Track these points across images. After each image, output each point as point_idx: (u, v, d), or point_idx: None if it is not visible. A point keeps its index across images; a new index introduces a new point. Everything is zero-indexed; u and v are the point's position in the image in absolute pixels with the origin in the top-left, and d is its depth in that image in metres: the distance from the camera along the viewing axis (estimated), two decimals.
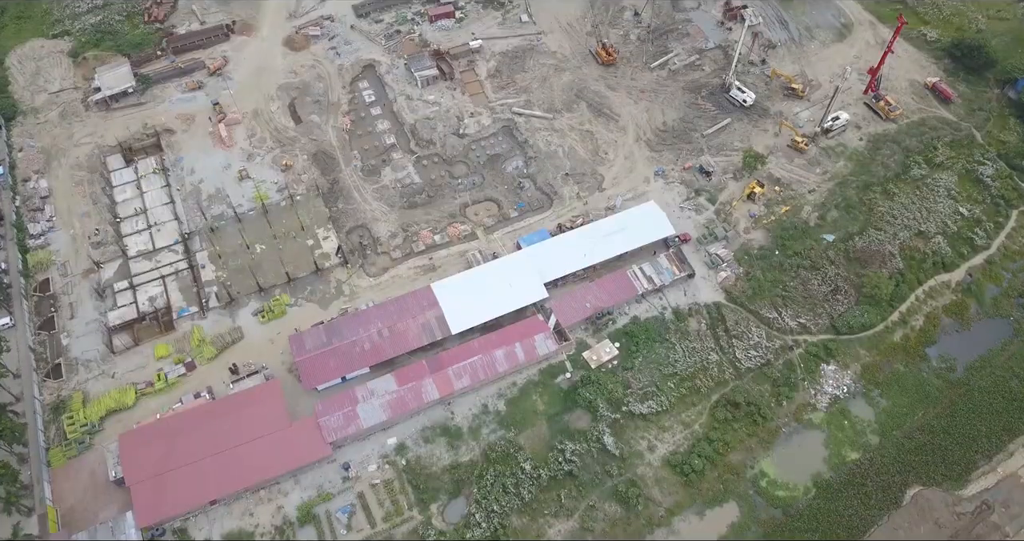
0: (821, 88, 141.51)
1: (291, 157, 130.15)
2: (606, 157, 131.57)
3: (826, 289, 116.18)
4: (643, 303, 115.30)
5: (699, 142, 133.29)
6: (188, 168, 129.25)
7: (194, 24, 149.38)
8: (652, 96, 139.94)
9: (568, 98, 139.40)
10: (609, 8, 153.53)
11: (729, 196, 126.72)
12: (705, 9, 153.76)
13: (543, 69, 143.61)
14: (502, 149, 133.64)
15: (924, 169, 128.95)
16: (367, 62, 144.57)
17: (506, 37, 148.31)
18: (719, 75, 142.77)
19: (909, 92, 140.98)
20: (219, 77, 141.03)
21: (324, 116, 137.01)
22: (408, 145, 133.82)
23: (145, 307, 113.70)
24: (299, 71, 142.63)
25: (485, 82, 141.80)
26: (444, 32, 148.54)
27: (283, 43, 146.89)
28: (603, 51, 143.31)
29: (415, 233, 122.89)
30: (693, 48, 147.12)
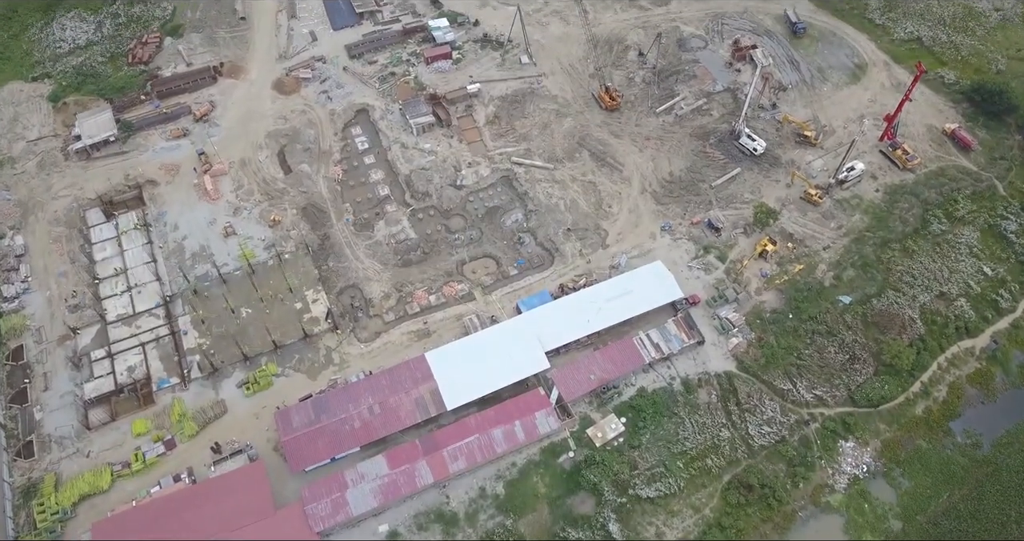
0: (835, 134, 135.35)
1: (279, 211, 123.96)
2: (610, 211, 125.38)
3: (843, 357, 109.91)
4: (650, 372, 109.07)
5: (707, 194, 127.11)
6: (171, 223, 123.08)
7: (180, 66, 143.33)
8: (658, 144, 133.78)
9: (570, 146, 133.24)
10: (613, 48, 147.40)
11: (740, 254, 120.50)
12: (713, 49, 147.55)
13: (544, 114, 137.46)
14: (501, 201, 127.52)
15: (944, 224, 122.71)
16: (360, 107, 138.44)
17: (505, 80, 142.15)
18: (728, 120, 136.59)
19: (927, 139, 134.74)
20: (205, 123, 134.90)
21: (315, 165, 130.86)
22: (403, 197, 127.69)
23: (123, 378, 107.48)
24: (289, 117, 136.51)
25: (483, 129, 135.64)
26: (440, 74, 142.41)
27: (273, 86, 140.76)
28: (606, 95, 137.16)
29: (409, 294, 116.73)
30: (700, 91, 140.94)
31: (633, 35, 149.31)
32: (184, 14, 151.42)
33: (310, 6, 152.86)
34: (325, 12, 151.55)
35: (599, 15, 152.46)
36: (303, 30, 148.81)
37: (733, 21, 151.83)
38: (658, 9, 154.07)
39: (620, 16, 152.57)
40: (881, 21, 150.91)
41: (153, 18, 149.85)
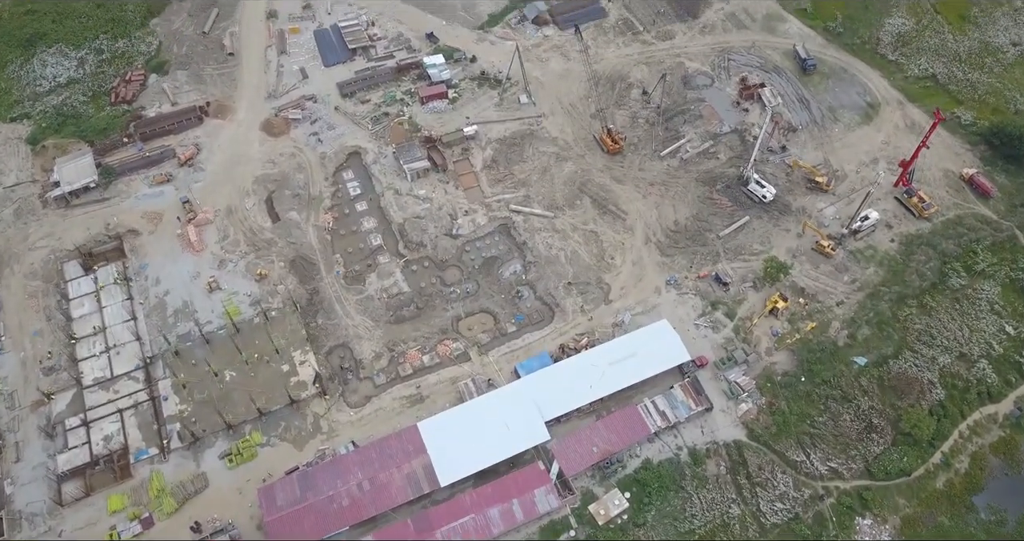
0: (847, 179, 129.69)
1: (267, 265, 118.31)
2: (612, 263, 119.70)
3: (859, 426, 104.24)
4: (656, 442, 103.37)
5: (715, 244, 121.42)
6: (153, 277, 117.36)
7: (165, 105, 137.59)
8: (662, 190, 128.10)
9: (570, 193, 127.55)
10: (615, 86, 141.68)
11: (749, 310, 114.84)
12: (719, 86, 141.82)
13: (543, 158, 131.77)
14: (499, 251, 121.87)
15: (963, 278, 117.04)
16: (352, 149, 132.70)
17: (503, 121, 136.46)
18: (736, 164, 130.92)
19: (943, 184, 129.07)
20: (190, 168, 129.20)
21: (304, 213, 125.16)
22: (396, 247, 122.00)
23: (99, 448, 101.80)
24: (278, 160, 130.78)
25: (481, 174, 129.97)
26: (436, 115, 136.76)
27: (261, 128, 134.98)
28: (608, 138, 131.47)
29: (402, 353, 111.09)
30: (707, 133, 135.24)
31: (636, 72, 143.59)
32: (170, 49, 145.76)
33: (301, 41, 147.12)
34: (316, 47, 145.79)
35: (601, 50, 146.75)
36: (293, 67, 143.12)
37: (740, 56, 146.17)
38: (662, 44, 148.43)
39: (623, 51, 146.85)
40: (894, 57, 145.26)
41: (138, 53, 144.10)
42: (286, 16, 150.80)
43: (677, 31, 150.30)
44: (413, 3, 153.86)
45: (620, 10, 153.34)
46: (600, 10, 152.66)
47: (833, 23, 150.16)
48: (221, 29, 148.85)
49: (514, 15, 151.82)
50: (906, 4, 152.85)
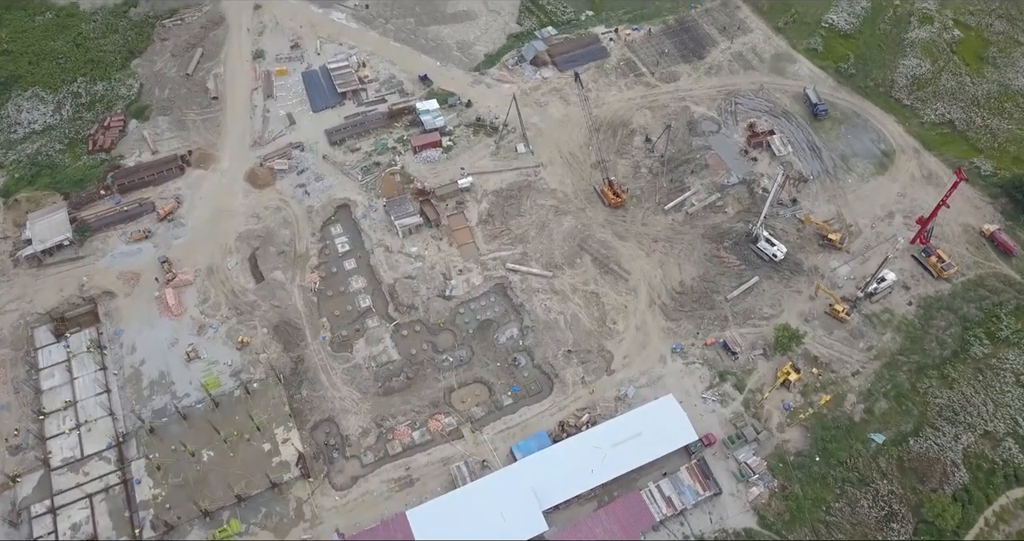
0: (861, 235, 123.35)
1: (249, 331, 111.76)
2: (615, 328, 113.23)
3: (878, 513, 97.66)
4: (661, 530, 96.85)
5: (722, 308, 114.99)
6: (128, 345, 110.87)
7: (145, 153, 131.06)
8: (667, 247, 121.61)
9: (570, 250, 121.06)
10: (617, 132, 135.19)
11: (759, 381, 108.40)
12: (726, 133, 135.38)
13: (541, 212, 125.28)
14: (495, 313, 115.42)
15: (986, 346, 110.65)
16: (341, 202, 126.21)
17: (500, 171, 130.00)
18: (744, 218, 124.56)
19: (963, 240, 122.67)
20: (170, 223, 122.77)
21: (290, 272, 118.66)
22: (386, 309, 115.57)
23: (67, 537, 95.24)
24: (262, 215, 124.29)
25: (476, 229, 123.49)
26: (429, 165, 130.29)
27: (245, 178, 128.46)
28: (610, 191, 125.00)
29: (391, 429, 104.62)
30: (713, 184, 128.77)
31: (639, 117, 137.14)
32: (152, 92, 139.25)
33: (288, 84, 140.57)
34: (305, 91, 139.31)
35: (602, 94, 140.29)
36: (280, 112, 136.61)
37: (748, 100, 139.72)
38: (666, 86, 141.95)
39: (625, 95, 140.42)
40: (909, 101, 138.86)
41: (118, 97, 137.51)
42: (273, 56, 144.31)
43: (682, 72, 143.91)
44: (406, 43, 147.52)
45: (622, 50, 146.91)
46: (602, 50, 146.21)
47: (845, 64, 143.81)
48: (205, 70, 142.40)
49: (511, 56, 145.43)
50: (921, 44, 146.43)
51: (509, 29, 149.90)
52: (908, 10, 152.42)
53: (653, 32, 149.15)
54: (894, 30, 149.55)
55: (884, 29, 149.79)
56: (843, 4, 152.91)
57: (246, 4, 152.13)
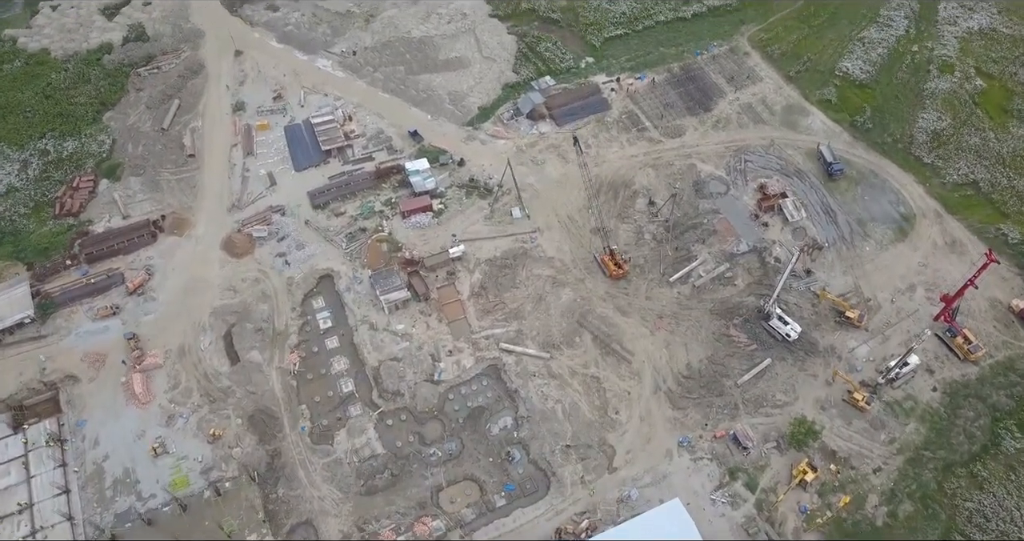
0: (880, 310, 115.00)
1: (221, 421, 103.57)
2: (617, 418, 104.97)
3: None
4: None
5: (732, 394, 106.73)
6: (91, 437, 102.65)
7: (116, 218, 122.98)
8: (673, 324, 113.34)
9: (569, 327, 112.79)
10: (618, 194, 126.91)
11: (773, 479, 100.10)
12: (735, 194, 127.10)
13: (538, 283, 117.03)
14: (487, 400, 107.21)
15: (1019, 440, 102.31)
16: (324, 273, 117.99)
17: (494, 238, 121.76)
18: (755, 291, 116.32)
19: (990, 317, 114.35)
20: (140, 297, 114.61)
21: (267, 352, 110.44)
22: (370, 395, 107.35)
23: None
24: (239, 287, 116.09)
25: (467, 303, 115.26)
26: (419, 231, 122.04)
27: (222, 246, 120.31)
28: (611, 262, 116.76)
29: (374, 534, 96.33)
30: (722, 253, 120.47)
31: (642, 176, 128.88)
32: (124, 149, 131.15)
33: (270, 139, 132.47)
34: (287, 148, 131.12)
35: (602, 150, 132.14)
36: (260, 171, 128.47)
37: (758, 157, 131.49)
38: (671, 142, 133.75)
39: (627, 151, 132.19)
40: (930, 159, 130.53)
41: (88, 155, 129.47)
42: (255, 109, 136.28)
43: (688, 126, 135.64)
44: (395, 93, 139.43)
45: (624, 101, 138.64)
46: (602, 102, 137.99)
47: (861, 117, 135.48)
48: (182, 124, 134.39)
49: (507, 108, 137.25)
50: (941, 95, 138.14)
51: (504, 78, 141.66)
52: (927, 57, 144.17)
53: (657, 81, 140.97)
54: (912, 79, 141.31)
55: (902, 78, 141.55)
56: (858, 51, 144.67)
57: (227, 50, 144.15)
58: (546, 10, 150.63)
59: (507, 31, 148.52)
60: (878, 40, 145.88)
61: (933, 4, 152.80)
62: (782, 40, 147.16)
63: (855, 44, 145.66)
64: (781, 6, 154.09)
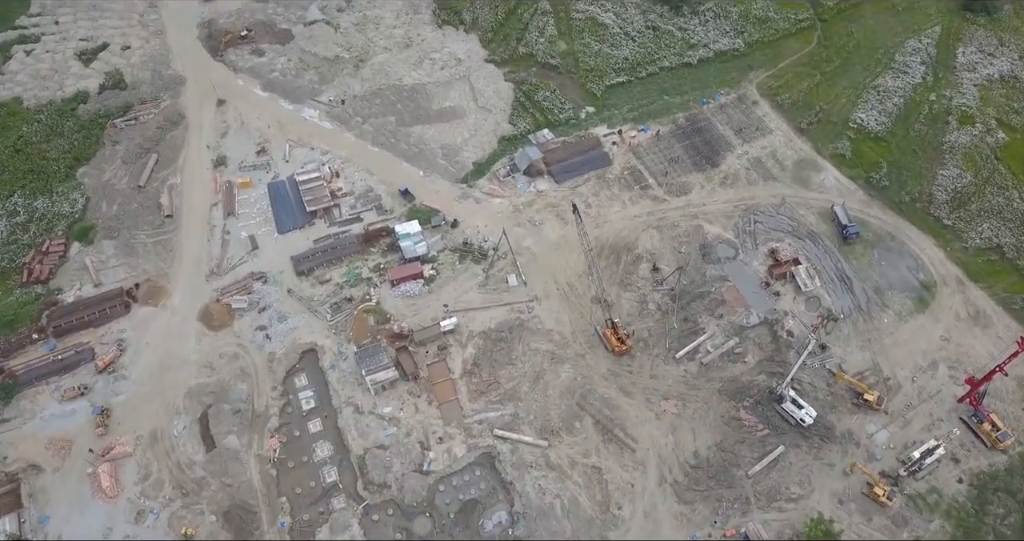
0: (901, 391, 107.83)
1: (195, 518, 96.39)
2: (620, 514, 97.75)
3: None
4: None
5: (743, 485, 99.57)
6: (55, 534, 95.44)
7: (87, 286, 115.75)
8: (680, 406, 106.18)
9: (568, 410, 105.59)
10: (620, 258, 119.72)
11: None
12: (745, 260, 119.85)
13: (536, 359, 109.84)
14: (479, 492, 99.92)
15: None
16: (307, 347, 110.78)
17: (488, 308, 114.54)
18: (766, 369, 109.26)
19: (1019, 399, 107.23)
20: (110, 375, 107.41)
21: (246, 436, 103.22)
22: (355, 485, 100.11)
23: None
24: (217, 364, 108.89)
25: (459, 382, 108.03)
26: (408, 300, 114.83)
27: (199, 318, 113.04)
28: (613, 337, 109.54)
29: None
30: (731, 325, 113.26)
31: (646, 239, 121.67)
32: (98, 208, 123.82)
33: (252, 198, 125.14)
34: (270, 207, 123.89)
35: (603, 210, 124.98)
36: (241, 233, 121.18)
37: (768, 217, 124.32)
38: (675, 200, 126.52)
39: (629, 211, 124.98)
40: (950, 220, 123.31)
41: (59, 216, 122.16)
42: (237, 164, 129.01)
43: (694, 183, 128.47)
44: (385, 147, 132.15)
45: (626, 156, 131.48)
46: (603, 157, 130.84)
47: (876, 174, 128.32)
48: (160, 181, 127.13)
49: (503, 164, 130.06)
50: (961, 150, 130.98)
51: (501, 130, 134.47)
52: (945, 107, 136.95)
53: (661, 134, 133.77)
54: (930, 132, 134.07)
55: (919, 130, 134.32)
56: (873, 100, 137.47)
57: (209, 99, 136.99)
58: (544, 55, 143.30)
59: (504, 78, 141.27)
60: (894, 89, 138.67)
61: (951, 49, 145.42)
62: (792, 88, 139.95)
63: (869, 93, 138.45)
64: (791, 49, 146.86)
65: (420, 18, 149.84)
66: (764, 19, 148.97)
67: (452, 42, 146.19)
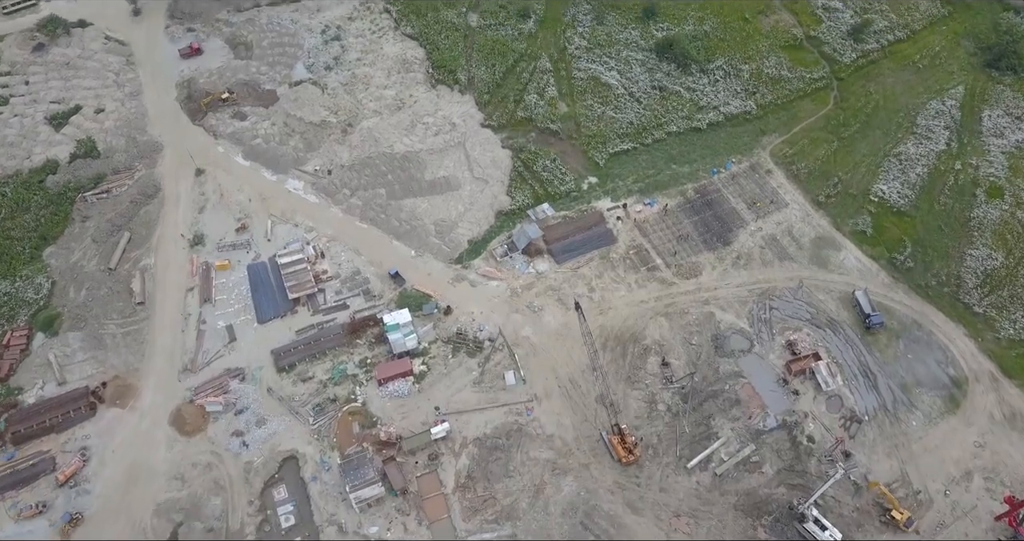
0: (932, 506, 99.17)
1: None
2: None
3: None
4: None
5: None
6: None
7: (50, 384, 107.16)
8: (692, 524, 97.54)
9: (571, 530, 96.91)
10: (627, 351, 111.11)
11: None
12: (761, 352, 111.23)
13: (536, 469, 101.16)
14: None
15: None
16: (287, 454, 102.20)
17: (484, 409, 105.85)
18: (786, 480, 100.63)
19: None
20: (72, 489, 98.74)
21: None
22: None
23: None
24: (189, 476, 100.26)
25: (452, 497, 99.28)
26: (397, 401, 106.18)
27: (170, 421, 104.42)
28: (620, 446, 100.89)
29: None
30: (747, 430, 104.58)
31: (654, 328, 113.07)
32: (65, 294, 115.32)
33: (231, 282, 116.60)
34: (249, 293, 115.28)
35: (607, 294, 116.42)
36: (218, 323, 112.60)
37: (785, 303, 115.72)
38: (685, 283, 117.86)
39: (635, 296, 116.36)
40: (981, 308, 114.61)
41: (22, 303, 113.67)
42: (215, 242, 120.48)
43: (704, 264, 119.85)
44: (375, 223, 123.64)
45: (632, 233, 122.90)
46: (607, 234, 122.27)
47: (900, 254, 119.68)
48: (132, 262, 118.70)
49: (500, 242, 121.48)
50: (990, 226, 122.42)
51: (498, 203, 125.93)
52: (972, 177, 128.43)
53: (669, 208, 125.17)
54: (956, 205, 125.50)
55: (945, 204, 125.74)
56: (894, 170, 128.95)
57: (186, 169, 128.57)
58: (544, 119, 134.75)
59: (501, 144, 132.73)
60: (916, 157, 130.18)
61: (975, 111, 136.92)
62: (808, 155, 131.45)
63: (890, 161, 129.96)
64: (806, 112, 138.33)
65: (413, 77, 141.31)
66: (777, 79, 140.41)
67: (446, 104, 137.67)
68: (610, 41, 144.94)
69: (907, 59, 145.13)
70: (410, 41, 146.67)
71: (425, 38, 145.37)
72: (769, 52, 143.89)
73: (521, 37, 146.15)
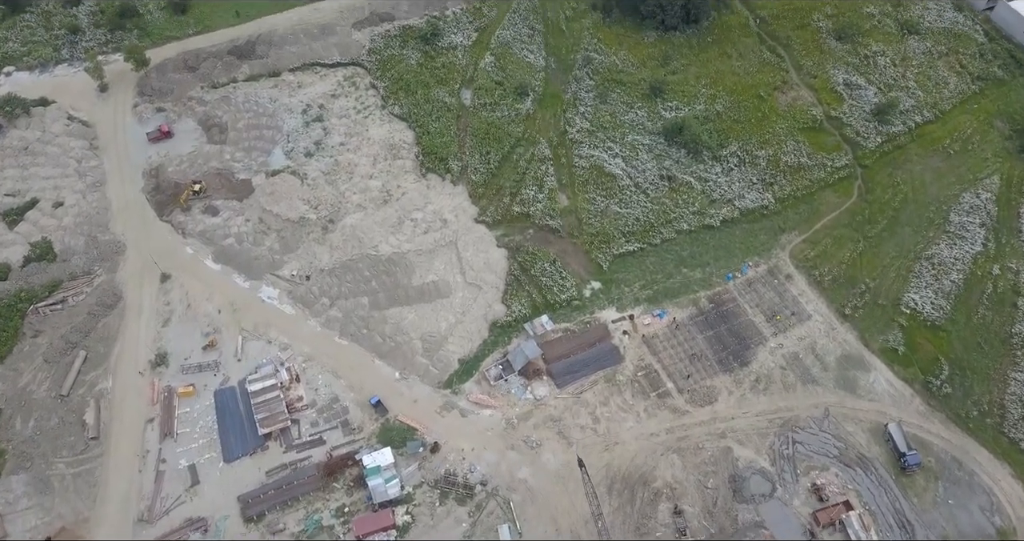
0: None
1: None
2: None
3: None
4: None
5: None
6: None
7: None
8: None
9: None
10: (636, 495, 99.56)
11: None
12: (784, 497, 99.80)
13: None
14: None
15: None
16: None
17: None
18: None
19: None
20: None
21: None
22: None
23: None
24: None
25: None
26: None
27: None
28: None
29: None
30: None
31: (665, 467, 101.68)
32: (11, 427, 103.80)
33: (195, 413, 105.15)
34: (216, 425, 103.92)
35: (614, 425, 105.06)
36: (180, 462, 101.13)
37: (810, 435, 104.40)
38: (699, 412, 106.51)
39: (645, 427, 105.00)
40: None
41: None
42: (179, 362, 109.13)
43: (720, 388, 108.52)
44: (356, 339, 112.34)
45: (640, 349, 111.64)
46: (613, 352, 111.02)
47: (936, 377, 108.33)
48: (87, 385, 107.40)
49: (494, 361, 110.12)
50: None
51: (492, 314, 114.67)
52: (1012, 284, 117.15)
53: (680, 321, 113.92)
54: (996, 319, 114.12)
55: (984, 316, 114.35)
56: (926, 275, 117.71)
57: (151, 273, 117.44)
58: (543, 215, 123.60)
59: (496, 243, 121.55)
60: (951, 260, 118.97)
61: (1013, 205, 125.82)
62: (832, 258, 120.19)
63: (922, 265, 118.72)
64: (828, 205, 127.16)
65: (400, 165, 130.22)
66: (796, 167, 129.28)
67: (437, 196, 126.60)
68: (614, 123, 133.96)
69: (936, 143, 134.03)
70: (398, 122, 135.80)
71: (414, 119, 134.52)
72: (787, 136, 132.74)
73: (518, 119, 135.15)
